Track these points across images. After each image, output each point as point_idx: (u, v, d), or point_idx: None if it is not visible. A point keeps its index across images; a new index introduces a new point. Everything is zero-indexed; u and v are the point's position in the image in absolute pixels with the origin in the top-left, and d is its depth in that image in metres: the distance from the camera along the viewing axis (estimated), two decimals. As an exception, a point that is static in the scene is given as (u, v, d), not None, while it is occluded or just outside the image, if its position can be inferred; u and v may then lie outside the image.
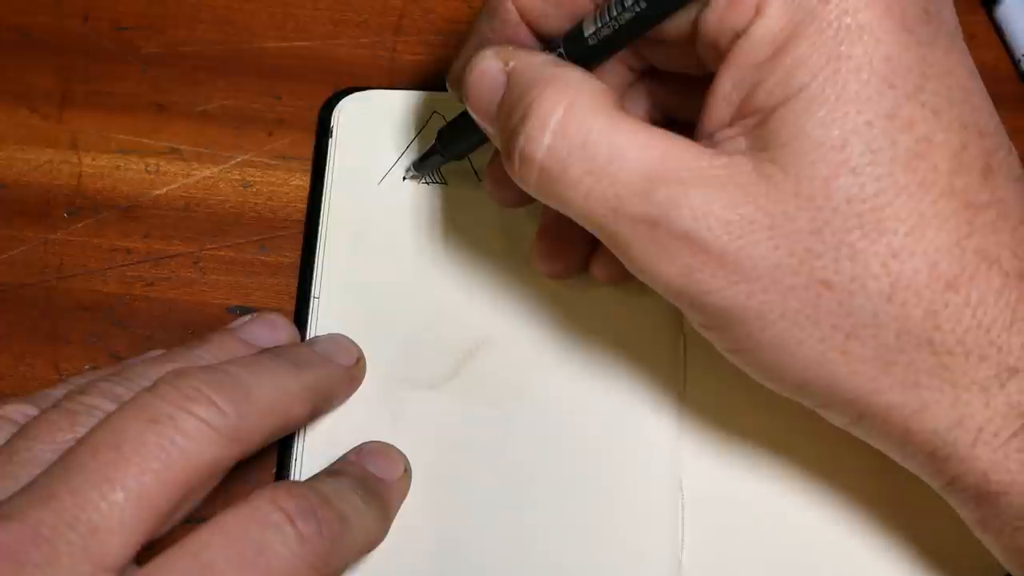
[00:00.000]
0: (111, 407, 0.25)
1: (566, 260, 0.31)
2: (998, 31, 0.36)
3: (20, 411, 0.26)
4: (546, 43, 0.26)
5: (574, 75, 0.24)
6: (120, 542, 0.22)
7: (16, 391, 0.32)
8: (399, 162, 0.34)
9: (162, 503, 0.23)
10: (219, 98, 0.36)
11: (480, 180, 0.33)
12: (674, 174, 0.23)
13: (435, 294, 0.32)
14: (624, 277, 0.31)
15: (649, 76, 0.29)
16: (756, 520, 0.30)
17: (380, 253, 0.33)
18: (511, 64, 0.25)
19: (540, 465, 0.30)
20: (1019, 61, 0.36)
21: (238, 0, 0.37)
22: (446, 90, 0.34)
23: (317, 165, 0.34)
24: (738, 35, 0.23)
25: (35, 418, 0.25)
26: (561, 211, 0.25)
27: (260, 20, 0.37)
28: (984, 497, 0.24)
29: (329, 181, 0.33)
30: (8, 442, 0.25)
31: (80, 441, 0.24)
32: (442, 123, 0.34)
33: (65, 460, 0.23)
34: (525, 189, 0.25)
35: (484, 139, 0.28)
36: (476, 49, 0.26)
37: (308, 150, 0.35)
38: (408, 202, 0.33)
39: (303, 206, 0.34)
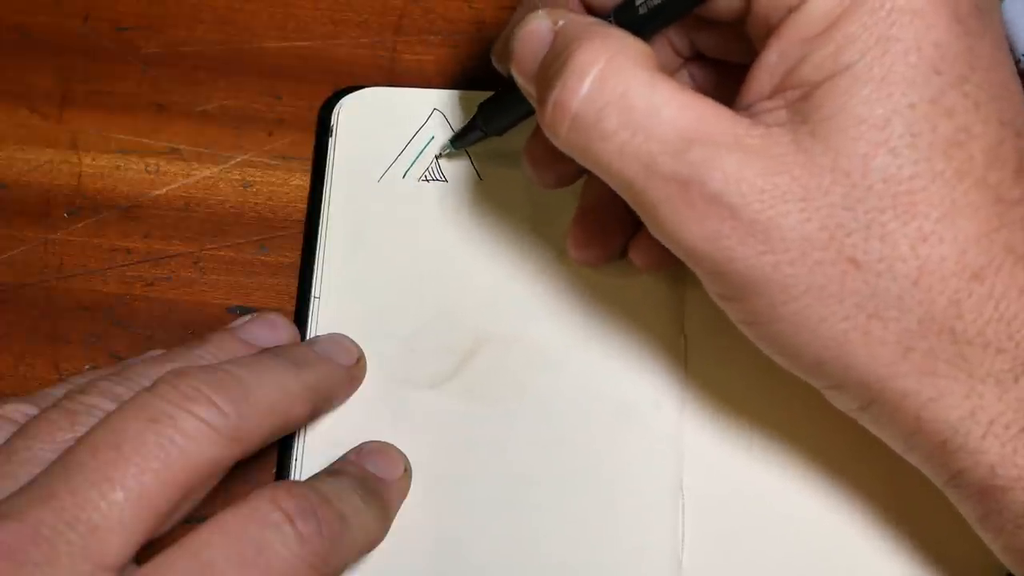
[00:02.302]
0: (111, 407, 0.25)
1: (602, 247, 0.31)
2: (998, 31, 0.36)
3: (20, 411, 0.26)
4: (597, 16, 0.26)
5: (619, 33, 0.24)
6: (120, 541, 0.22)
7: (16, 391, 0.32)
8: (399, 160, 0.34)
9: (162, 503, 0.23)
10: (219, 98, 0.36)
11: (481, 178, 0.33)
12: (710, 137, 0.23)
13: (435, 293, 0.32)
14: (664, 264, 0.30)
15: (694, 64, 0.29)
16: (757, 520, 0.30)
17: (380, 253, 0.33)
18: (560, 23, 0.25)
19: (540, 465, 0.30)
20: (1019, 60, 0.36)
21: (238, 0, 0.37)
22: (447, 88, 0.35)
23: (317, 165, 0.34)
24: (791, 10, 0.23)
25: (35, 417, 0.25)
26: (588, 166, 0.25)
27: (260, 20, 0.37)
28: (988, 492, 0.24)
29: (329, 181, 0.33)
30: (8, 442, 0.25)
31: (80, 440, 0.24)
32: (443, 120, 0.34)
33: (65, 459, 0.23)
34: (554, 141, 0.25)
35: (529, 111, 0.27)
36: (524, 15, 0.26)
37: (308, 150, 0.35)
38: (408, 201, 0.33)
39: (303, 206, 0.34)
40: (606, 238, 0.31)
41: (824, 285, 0.23)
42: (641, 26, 0.25)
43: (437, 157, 0.34)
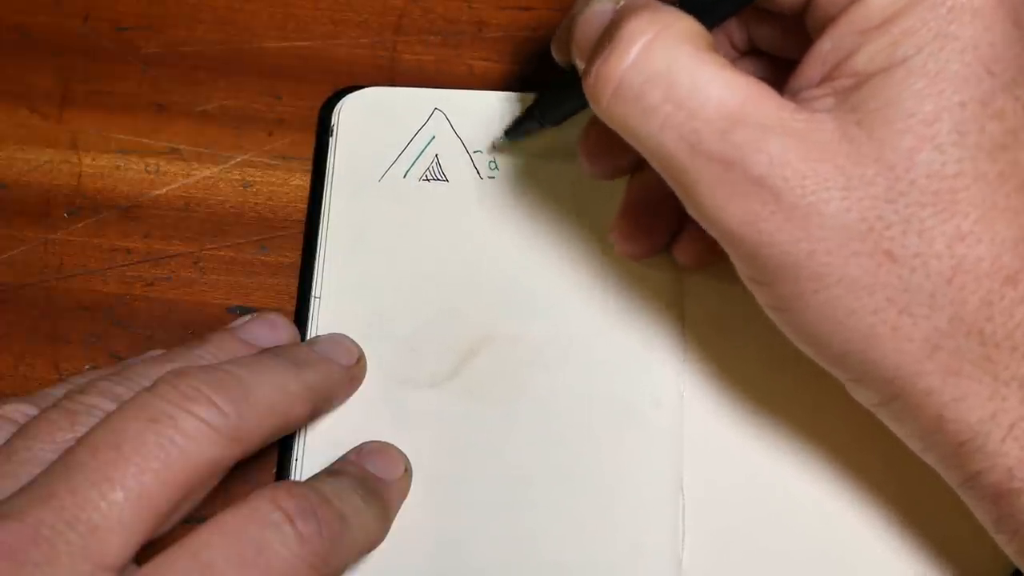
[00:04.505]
0: (111, 407, 0.25)
1: (647, 241, 0.31)
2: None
3: (20, 411, 0.26)
4: None
5: (673, 10, 0.24)
6: (120, 541, 0.22)
7: (16, 391, 0.32)
8: (399, 159, 0.34)
9: (162, 503, 0.23)
10: (219, 98, 0.36)
11: (482, 177, 0.33)
12: (755, 118, 0.23)
13: (436, 293, 0.32)
14: (708, 262, 0.30)
15: (749, 59, 0.29)
16: (758, 518, 0.30)
17: (380, 252, 0.33)
18: (621, 3, 0.25)
19: (540, 464, 0.30)
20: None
21: (238, 0, 0.37)
22: (447, 87, 0.35)
23: (317, 165, 0.34)
24: (852, 2, 0.23)
25: (35, 418, 0.25)
26: (628, 138, 0.24)
27: (260, 20, 0.37)
28: (1004, 495, 0.24)
29: (329, 180, 0.33)
30: (8, 442, 0.25)
31: (80, 440, 0.24)
32: (443, 120, 0.34)
33: (65, 459, 0.23)
34: (596, 110, 0.24)
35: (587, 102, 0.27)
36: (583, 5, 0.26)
37: (308, 150, 0.35)
38: (409, 200, 0.33)
39: (303, 206, 0.34)
40: (652, 232, 0.31)
41: (858, 277, 0.23)
42: (706, 13, 0.25)
43: (490, 150, 0.33)
